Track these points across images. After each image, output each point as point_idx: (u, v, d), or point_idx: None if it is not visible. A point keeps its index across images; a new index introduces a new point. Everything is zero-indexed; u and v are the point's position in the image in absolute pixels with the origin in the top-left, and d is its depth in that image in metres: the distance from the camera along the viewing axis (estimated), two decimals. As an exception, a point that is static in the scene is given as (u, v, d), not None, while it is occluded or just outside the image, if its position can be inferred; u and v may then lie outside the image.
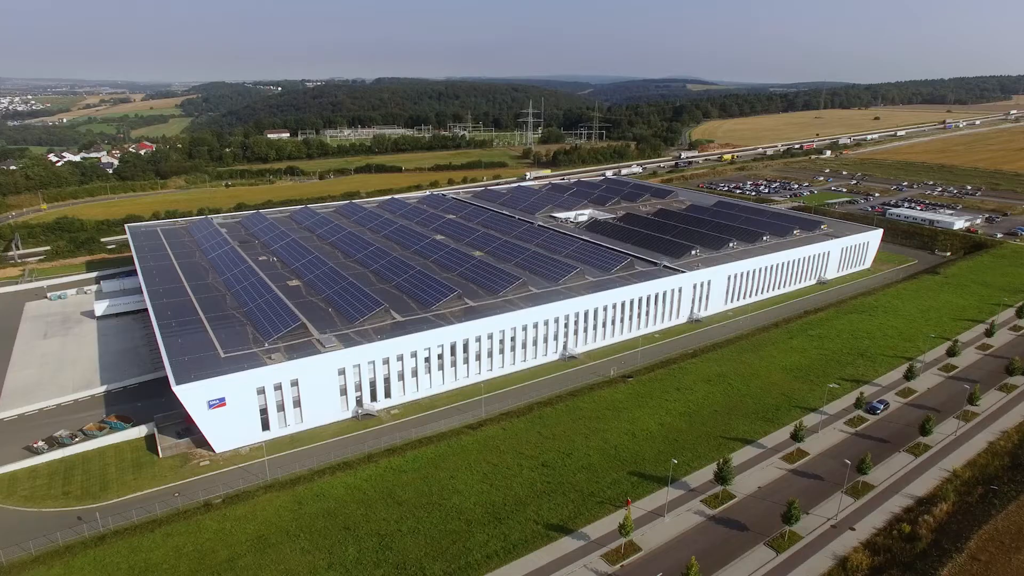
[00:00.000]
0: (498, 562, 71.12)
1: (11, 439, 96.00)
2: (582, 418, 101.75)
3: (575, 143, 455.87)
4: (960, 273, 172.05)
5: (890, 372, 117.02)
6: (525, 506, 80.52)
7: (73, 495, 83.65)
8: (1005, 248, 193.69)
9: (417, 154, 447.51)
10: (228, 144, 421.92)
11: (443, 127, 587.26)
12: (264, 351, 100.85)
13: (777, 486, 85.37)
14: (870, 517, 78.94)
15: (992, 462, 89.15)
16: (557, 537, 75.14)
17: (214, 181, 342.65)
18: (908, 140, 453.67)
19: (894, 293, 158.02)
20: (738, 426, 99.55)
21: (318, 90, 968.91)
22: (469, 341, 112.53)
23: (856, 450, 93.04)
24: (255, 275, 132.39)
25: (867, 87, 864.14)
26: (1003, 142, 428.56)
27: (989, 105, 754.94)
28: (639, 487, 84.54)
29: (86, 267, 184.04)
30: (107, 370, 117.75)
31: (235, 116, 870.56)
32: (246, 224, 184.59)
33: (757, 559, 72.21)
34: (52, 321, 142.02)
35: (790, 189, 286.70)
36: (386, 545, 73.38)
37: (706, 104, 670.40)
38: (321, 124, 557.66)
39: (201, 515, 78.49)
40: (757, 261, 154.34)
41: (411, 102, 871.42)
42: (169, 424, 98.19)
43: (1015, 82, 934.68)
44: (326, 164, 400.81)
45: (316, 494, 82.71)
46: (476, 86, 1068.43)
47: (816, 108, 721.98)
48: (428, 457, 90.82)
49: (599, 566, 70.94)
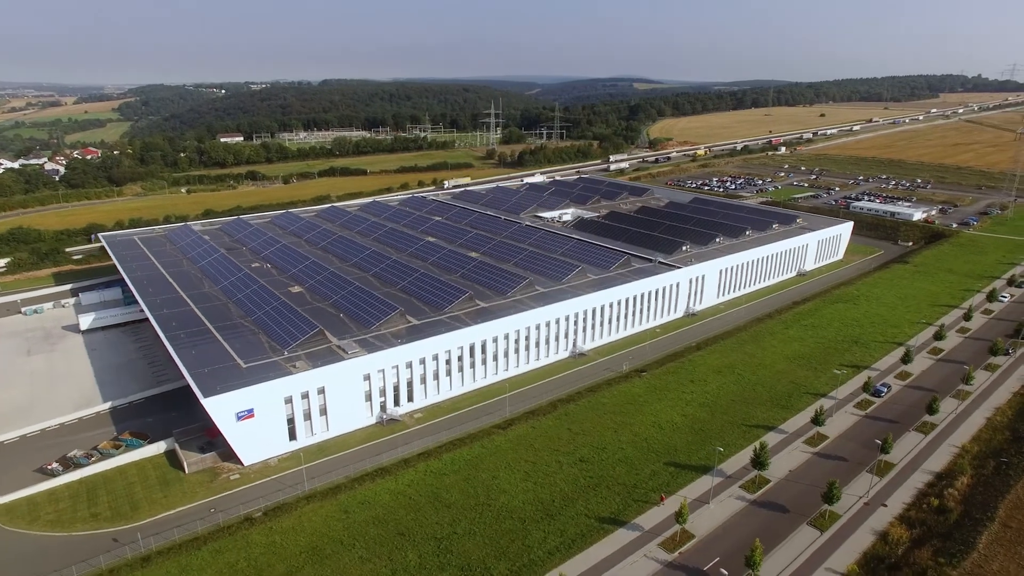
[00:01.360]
0: (560, 557, 72.07)
1: (18, 462, 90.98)
2: (606, 413, 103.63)
3: (540, 143, 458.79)
4: (927, 262, 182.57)
5: (885, 357, 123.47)
6: (573, 501, 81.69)
7: (103, 517, 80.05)
8: (962, 237, 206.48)
9: (379, 156, 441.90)
10: (183, 149, 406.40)
11: (401, 129, 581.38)
12: (285, 360, 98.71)
13: (806, 469, 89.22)
14: (898, 493, 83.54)
15: (995, 436, 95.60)
16: (612, 529, 76.65)
17: (172, 187, 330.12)
18: (856, 136, 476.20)
19: (872, 282, 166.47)
20: (757, 414, 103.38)
21: (265, 92, 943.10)
22: (487, 342, 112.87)
23: (870, 431, 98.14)
24: (255, 282, 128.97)
25: (809, 85, 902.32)
26: (938, 138, 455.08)
27: (920, 103, 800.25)
28: (678, 477, 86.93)
29: (54, 279, 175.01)
30: (107, 386, 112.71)
31: (179, 120, 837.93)
32: (228, 230, 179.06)
33: (804, 538, 75.52)
34: (32, 337, 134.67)
35: (755, 185, 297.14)
36: (445, 548, 73.27)
37: (660, 103, 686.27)
38: (276, 127, 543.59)
39: (246, 530, 76.48)
40: (746, 255, 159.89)
41: (363, 104, 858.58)
42: (189, 439, 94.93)
43: (940, 81, 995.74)
44: (287, 168, 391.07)
45: (361, 502, 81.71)
46: (428, 87, 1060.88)
47: (764, 106, 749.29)
48: (465, 459, 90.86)
49: (658, 555, 72.83)
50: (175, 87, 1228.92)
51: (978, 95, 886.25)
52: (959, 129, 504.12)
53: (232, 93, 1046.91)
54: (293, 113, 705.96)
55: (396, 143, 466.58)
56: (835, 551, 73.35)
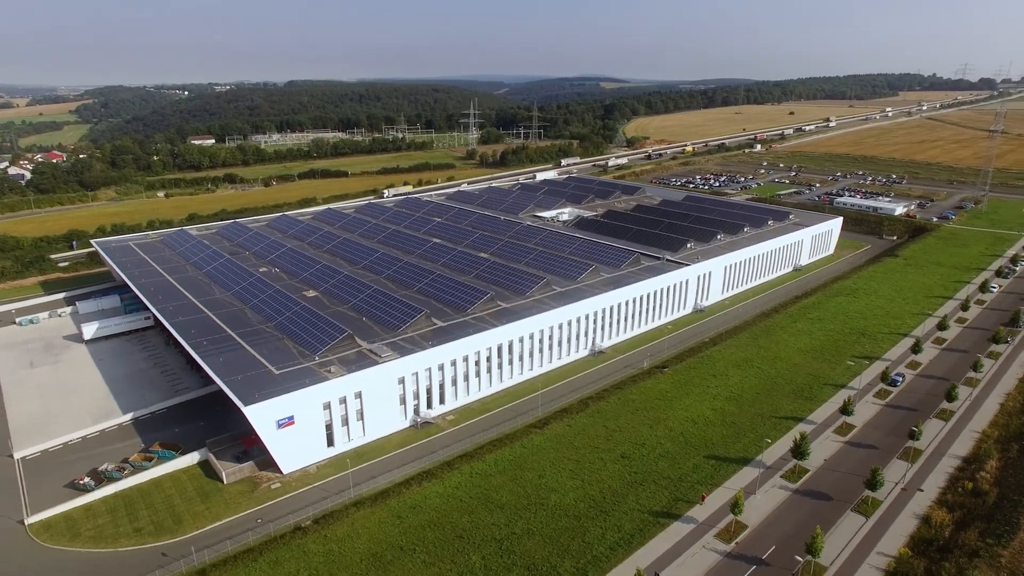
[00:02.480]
0: (623, 552, 72.94)
1: (46, 477, 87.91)
2: (638, 409, 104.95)
3: (522, 143, 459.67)
4: (915, 255, 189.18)
5: (893, 348, 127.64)
6: (623, 497, 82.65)
7: (146, 531, 77.89)
8: (943, 231, 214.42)
9: (358, 158, 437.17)
10: (155, 152, 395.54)
11: (376, 129, 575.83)
12: (317, 365, 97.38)
13: (840, 457, 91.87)
14: (931, 478, 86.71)
15: (1011, 421, 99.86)
16: (667, 523, 77.83)
17: (148, 191, 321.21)
18: (827, 133, 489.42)
19: (867, 276, 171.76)
20: (783, 405, 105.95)
21: (231, 94, 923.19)
22: (513, 342, 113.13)
23: (893, 419, 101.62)
24: (269, 287, 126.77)
25: (776, 84, 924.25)
26: (904, 135, 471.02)
27: (881, 101, 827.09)
28: (720, 469, 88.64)
29: (42, 288, 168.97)
30: (123, 396, 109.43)
31: (142, 122, 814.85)
32: (227, 235, 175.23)
33: (851, 524, 77.88)
34: (33, 348, 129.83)
35: (737, 182, 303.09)
36: (507, 549, 73.41)
37: (633, 102, 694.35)
38: (249, 129, 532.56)
39: (299, 539, 75.34)
40: (748, 251, 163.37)
41: (332, 105, 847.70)
42: (223, 448, 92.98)
43: (899, 80, 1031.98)
44: (265, 170, 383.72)
45: (411, 506, 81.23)
46: (397, 88, 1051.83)
47: (734, 104, 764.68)
48: (508, 459, 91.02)
49: (716, 545, 74.27)
50: (135, 89, 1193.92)
51: (934, 93, 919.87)
52: (922, 126, 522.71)
53: (196, 95, 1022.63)
54: (262, 115, 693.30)
55: (374, 144, 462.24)
56: (883, 535, 75.86)
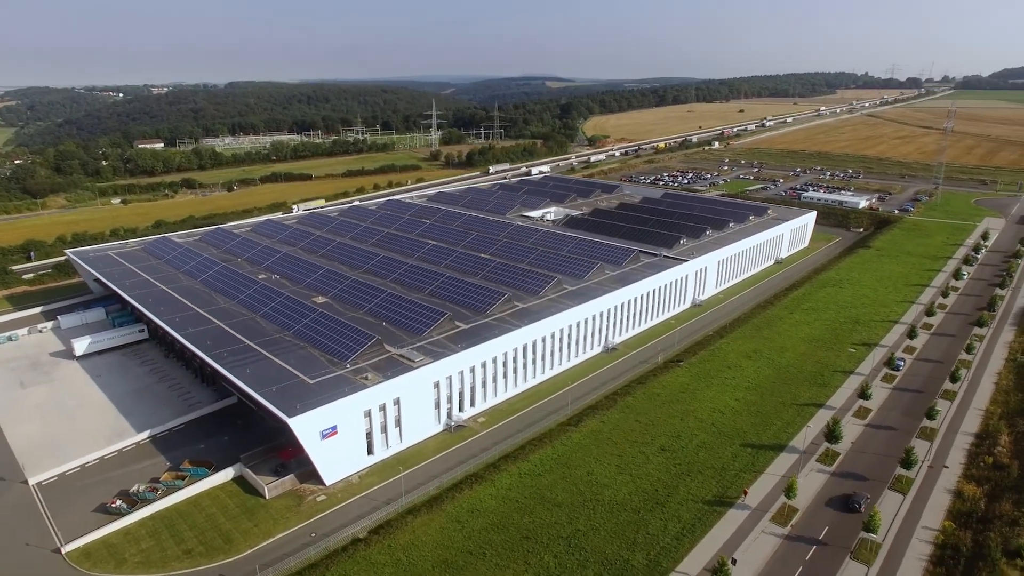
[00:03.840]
0: (688, 542, 74.65)
1: (69, 503, 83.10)
2: (664, 402, 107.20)
3: (488, 143, 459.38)
4: (886, 246, 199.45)
5: (887, 335, 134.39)
6: (674, 489, 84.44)
7: (197, 552, 74.76)
8: (906, 222, 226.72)
9: (319, 160, 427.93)
10: (104, 157, 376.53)
11: (332, 131, 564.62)
12: (351, 372, 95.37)
13: (865, 439, 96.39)
14: (952, 455, 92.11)
15: (1009, 398, 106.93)
16: (723, 511, 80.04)
17: (102, 198, 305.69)
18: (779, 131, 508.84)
19: (847, 267, 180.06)
20: (800, 393, 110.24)
21: (172, 96, 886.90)
22: (536, 342, 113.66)
23: (903, 401, 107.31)
24: (278, 295, 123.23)
25: (722, 82, 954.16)
26: (850, 131, 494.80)
27: (820, 99, 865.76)
28: (758, 457, 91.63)
29: (10, 303, 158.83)
30: (134, 414, 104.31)
31: (76, 126, 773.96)
32: (212, 242, 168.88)
33: (892, 502, 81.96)
34: (19, 367, 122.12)
35: (704, 179, 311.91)
36: (577, 546, 74.01)
37: (588, 101, 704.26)
38: (201, 132, 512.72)
39: (363, 551, 73.88)
40: (738, 246, 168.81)
41: (280, 107, 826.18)
42: (258, 462, 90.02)
43: (836, 78, 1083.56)
44: (224, 175, 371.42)
45: (468, 510, 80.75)
46: (345, 89, 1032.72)
47: (685, 103, 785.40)
48: (553, 458, 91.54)
49: (775, 529, 76.92)
50: (63, 90, 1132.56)
51: (868, 92, 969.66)
52: (865, 123, 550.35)
53: (133, 97, 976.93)
54: (208, 117, 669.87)
55: (335, 147, 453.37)
56: (923, 510, 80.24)
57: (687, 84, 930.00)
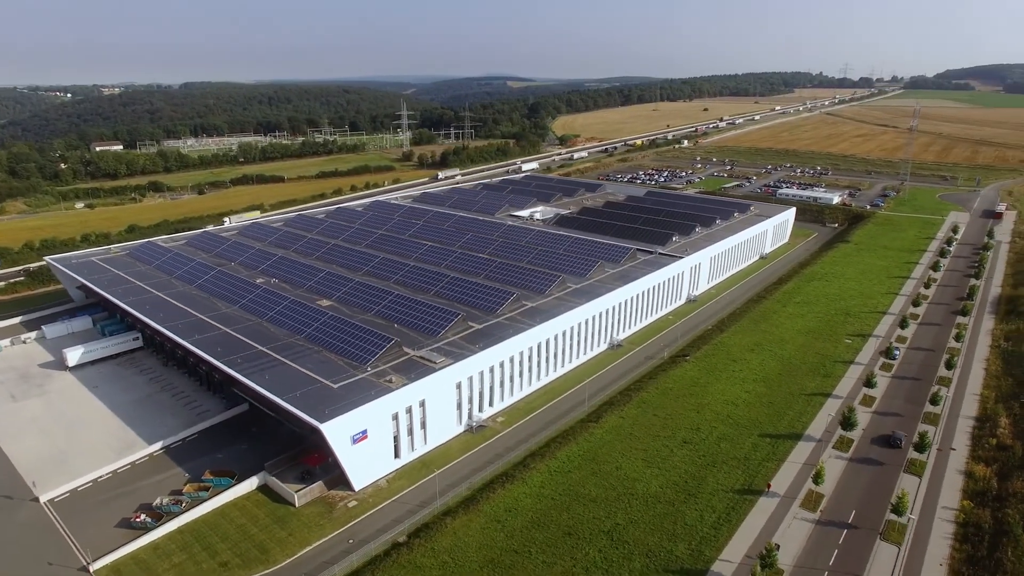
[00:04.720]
0: (727, 530, 76.40)
1: (87, 519, 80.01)
2: (678, 396, 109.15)
3: (462, 143, 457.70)
4: (863, 240, 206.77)
5: (878, 326, 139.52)
6: (703, 480, 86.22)
7: (234, 564, 72.96)
8: (879, 217, 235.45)
9: (290, 162, 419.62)
10: (63, 159, 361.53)
11: (299, 132, 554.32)
12: (373, 376, 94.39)
13: (875, 426, 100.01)
14: (957, 438, 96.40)
15: (1000, 383, 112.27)
16: (754, 499, 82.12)
17: (65, 202, 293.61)
18: (744, 129, 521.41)
19: (830, 261, 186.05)
20: (807, 383, 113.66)
21: (126, 96, 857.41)
22: (550, 340, 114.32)
23: (903, 388, 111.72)
24: (283, 299, 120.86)
25: (685, 81, 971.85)
26: (812, 129, 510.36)
27: (779, 97, 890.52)
28: (778, 446, 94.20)
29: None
30: (141, 425, 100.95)
31: (21, 127, 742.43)
32: (200, 246, 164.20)
33: (910, 484, 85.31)
34: (7, 380, 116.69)
35: (680, 177, 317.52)
36: (620, 540, 74.93)
37: (555, 100, 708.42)
38: (162, 134, 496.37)
39: (407, 555, 73.31)
40: (729, 242, 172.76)
41: (240, 108, 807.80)
42: (283, 470, 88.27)
43: (792, 78, 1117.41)
44: (192, 177, 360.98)
45: (506, 509, 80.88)
46: (306, 89, 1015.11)
47: (649, 102, 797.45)
48: (579, 454, 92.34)
49: (805, 515, 79.34)
50: (6, 89, 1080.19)
51: (823, 91, 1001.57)
52: (825, 121, 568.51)
53: (83, 97, 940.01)
54: (166, 118, 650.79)
55: (305, 148, 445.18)
56: (940, 492, 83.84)
57: (650, 83, 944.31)
